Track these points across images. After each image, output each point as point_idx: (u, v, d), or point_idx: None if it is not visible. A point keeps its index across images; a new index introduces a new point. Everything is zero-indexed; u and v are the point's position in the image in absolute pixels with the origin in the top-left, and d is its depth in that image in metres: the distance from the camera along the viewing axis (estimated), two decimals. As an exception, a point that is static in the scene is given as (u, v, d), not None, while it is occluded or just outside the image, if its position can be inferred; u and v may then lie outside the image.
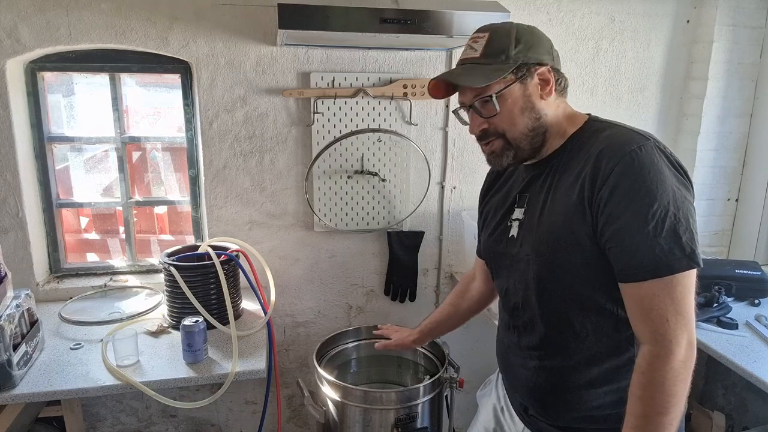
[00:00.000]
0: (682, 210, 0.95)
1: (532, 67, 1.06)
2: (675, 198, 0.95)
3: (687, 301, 0.95)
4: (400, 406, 1.73)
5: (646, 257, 0.94)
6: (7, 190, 1.92)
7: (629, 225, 0.95)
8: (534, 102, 1.08)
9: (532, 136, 1.09)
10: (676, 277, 0.93)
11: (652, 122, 2.38)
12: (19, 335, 1.51)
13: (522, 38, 1.06)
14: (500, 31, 1.08)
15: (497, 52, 1.06)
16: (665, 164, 0.97)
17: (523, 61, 1.05)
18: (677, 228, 0.94)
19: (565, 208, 1.04)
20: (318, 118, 2.06)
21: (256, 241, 2.12)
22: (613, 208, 0.96)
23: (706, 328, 1.84)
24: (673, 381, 0.94)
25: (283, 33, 1.65)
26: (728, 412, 2.27)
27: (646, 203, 0.93)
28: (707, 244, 2.47)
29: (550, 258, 1.07)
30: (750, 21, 2.24)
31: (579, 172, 1.02)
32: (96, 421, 2.21)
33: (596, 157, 1.00)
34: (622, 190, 0.95)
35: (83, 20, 1.83)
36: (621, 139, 1.01)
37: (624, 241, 0.96)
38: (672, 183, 0.96)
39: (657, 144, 1.00)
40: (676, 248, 0.93)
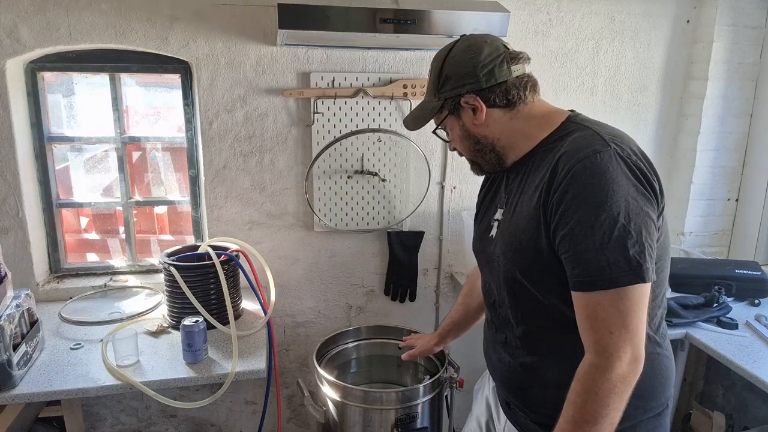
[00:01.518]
0: (635, 221, 0.93)
1: (456, 99, 1.10)
2: (628, 208, 0.92)
3: (634, 315, 0.93)
4: (400, 406, 1.73)
5: (590, 267, 0.93)
6: (7, 190, 1.92)
7: (576, 232, 0.94)
8: (469, 129, 1.12)
9: (482, 155, 1.15)
10: (623, 290, 0.92)
11: (652, 122, 2.38)
12: (19, 335, 1.51)
13: (446, 70, 1.10)
14: (434, 64, 1.14)
15: (432, 87, 1.14)
16: (623, 172, 0.95)
17: (447, 96, 1.11)
18: (626, 240, 0.91)
19: (527, 212, 1.05)
20: (318, 118, 2.06)
21: (256, 241, 2.12)
22: (562, 215, 0.96)
23: (706, 328, 1.84)
24: (607, 393, 0.93)
25: (283, 33, 1.65)
26: (728, 412, 2.27)
27: (593, 211, 0.92)
28: (707, 244, 2.47)
29: (514, 261, 1.09)
30: (750, 21, 2.24)
31: (542, 176, 1.03)
32: (96, 421, 2.21)
33: (555, 162, 1.00)
34: (571, 195, 0.94)
35: (83, 20, 1.83)
36: (581, 143, 0.99)
37: (571, 249, 0.95)
38: (627, 193, 0.93)
39: (619, 151, 0.97)
40: (622, 261, 0.91)
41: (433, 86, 1.14)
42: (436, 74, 1.12)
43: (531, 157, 1.10)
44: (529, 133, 1.10)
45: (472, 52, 1.08)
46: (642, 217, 0.94)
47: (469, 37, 1.12)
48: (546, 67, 2.22)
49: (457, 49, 1.11)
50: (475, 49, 1.08)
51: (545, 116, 1.11)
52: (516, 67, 1.09)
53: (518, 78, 1.09)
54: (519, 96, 1.09)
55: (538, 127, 1.10)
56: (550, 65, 2.22)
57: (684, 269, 2.16)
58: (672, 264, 2.29)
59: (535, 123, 1.10)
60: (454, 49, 1.11)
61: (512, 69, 1.09)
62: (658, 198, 0.99)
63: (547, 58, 2.21)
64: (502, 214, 1.16)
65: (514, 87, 1.09)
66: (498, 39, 1.12)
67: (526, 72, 1.12)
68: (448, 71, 1.10)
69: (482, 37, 1.11)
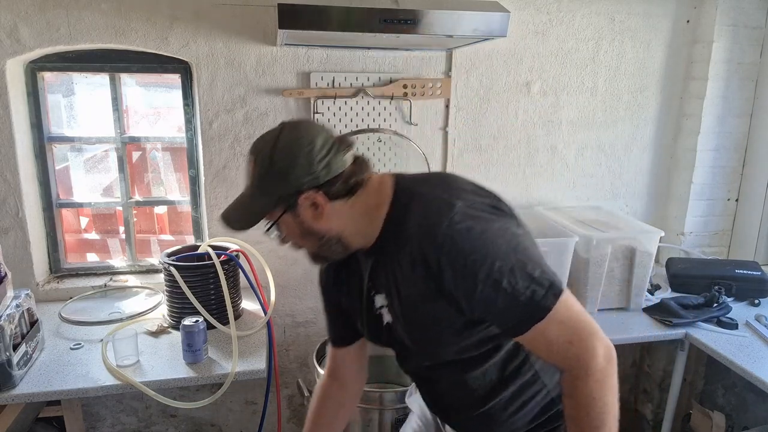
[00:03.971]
0: (519, 248, 0.94)
1: (292, 197, 1.00)
2: (507, 243, 0.94)
3: (576, 317, 0.94)
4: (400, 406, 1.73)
5: (517, 313, 0.93)
6: (7, 190, 1.92)
7: (486, 295, 0.93)
8: (310, 226, 1.03)
9: (327, 248, 1.07)
10: (554, 311, 0.92)
11: (652, 122, 2.38)
12: (19, 335, 1.51)
13: (277, 164, 0.98)
14: (260, 157, 1.01)
15: (260, 183, 1.01)
16: (479, 218, 0.95)
17: (281, 194, 1.00)
18: (526, 269, 0.92)
19: (418, 298, 1.01)
20: (318, 118, 2.06)
21: (256, 241, 2.11)
22: (465, 290, 0.94)
23: (706, 328, 1.84)
24: (600, 394, 0.94)
25: (283, 33, 1.64)
26: (728, 412, 2.27)
27: (487, 269, 0.92)
28: (707, 244, 2.47)
29: (427, 342, 1.08)
30: (750, 21, 2.24)
31: (411, 261, 0.99)
32: (96, 421, 2.21)
33: (418, 246, 0.96)
34: (461, 272, 0.93)
35: (83, 20, 1.83)
36: (430, 219, 0.96)
37: (492, 310, 0.95)
38: (496, 231, 0.95)
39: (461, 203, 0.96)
40: (537, 288, 0.92)
41: (260, 182, 1.01)
42: (264, 169, 0.99)
43: (384, 239, 1.04)
44: (372, 214, 1.04)
45: (304, 144, 0.99)
46: (518, 239, 0.96)
47: (294, 126, 1.03)
48: (546, 67, 2.22)
49: (284, 140, 1.00)
50: (308, 141, 0.99)
51: (378, 191, 1.05)
52: (349, 154, 1.03)
53: (354, 164, 1.03)
54: (358, 182, 1.03)
55: (377, 206, 1.04)
56: (550, 65, 2.22)
57: (684, 269, 2.16)
58: (672, 264, 2.31)
59: (373, 203, 1.05)
60: (280, 140, 1.00)
61: (346, 157, 1.02)
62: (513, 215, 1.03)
63: (547, 58, 2.21)
64: (384, 299, 1.10)
65: (353, 174, 1.02)
66: (323, 125, 1.05)
67: (355, 151, 1.06)
68: (280, 166, 0.98)
69: (309, 126, 1.03)
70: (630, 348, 2.59)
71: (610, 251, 1.91)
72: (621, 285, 1.97)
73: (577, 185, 2.38)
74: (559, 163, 2.34)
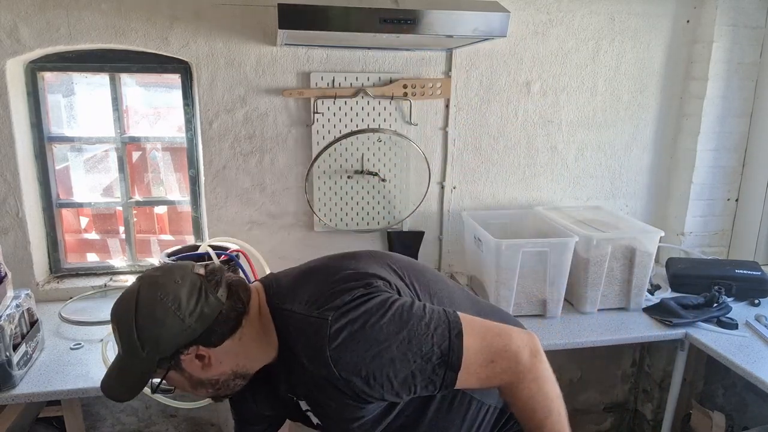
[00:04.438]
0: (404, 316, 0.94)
1: (172, 358, 0.95)
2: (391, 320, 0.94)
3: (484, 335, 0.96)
4: (400, 406, 1.73)
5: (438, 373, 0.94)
6: (7, 190, 1.92)
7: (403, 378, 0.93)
8: (200, 377, 0.99)
9: (225, 387, 1.03)
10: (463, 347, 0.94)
11: (652, 122, 2.38)
12: (19, 335, 1.51)
13: (144, 332, 0.93)
14: (123, 328, 0.95)
15: (132, 351, 0.94)
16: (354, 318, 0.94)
17: (160, 357, 0.94)
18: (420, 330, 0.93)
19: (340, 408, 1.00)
20: (318, 118, 2.06)
21: (256, 241, 2.12)
22: (381, 387, 0.94)
23: (706, 328, 1.84)
24: (537, 389, 0.96)
25: (283, 33, 1.64)
26: (728, 412, 2.27)
27: (389, 359, 0.92)
28: (707, 244, 2.47)
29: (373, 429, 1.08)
30: (750, 21, 2.24)
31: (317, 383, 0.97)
32: (96, 421, 2.21)
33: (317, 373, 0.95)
34: (368, 377, 0.92)
35: (83, 20, 1.83)
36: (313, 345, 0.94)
37: (414, 384, 0.95)
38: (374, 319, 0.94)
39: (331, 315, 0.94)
40: (440, 340, 0.93)
41: (131, 350, 0.94)
42: (132, 338, 0.93)
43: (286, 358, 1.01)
44: (265, 336, 1.01)
45: (168, 304, 0.92)
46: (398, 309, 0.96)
47: (151, 285, 0.95)
48: (546, 67, 2.22)
49: (145, 305, 0.93)
50: (171, 299, 0.93)
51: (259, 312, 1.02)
52: (221, 290, 0.97)
53: (230, 296, 0.98)
54: (239, 314, 0.98)
55: (265, 326, 1.01)
56: (550, 65, 2.22)
57: (684, 269, 2.16)
58: (672, 264, 2.31)
59: (258, 324, 1.01)
60: (140, 306, 0.93)
61: (219, 294, 0.96)
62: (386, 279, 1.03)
63: (547, 58, 2.21)
64: (308, 405, 1.08)
65: (232, 309, 0.97)
66: (183, 266, 0.99)
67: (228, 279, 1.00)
68: (148, 334, 0.92)
69: (168, 279, 0.95)
70: (630, 348, 2.59)
71: (610, 251, 1.91)
72: (621, 285, 1.97)
73: (577, 185, 2.38)
74: (559, 163, 2.34)
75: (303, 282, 1.05)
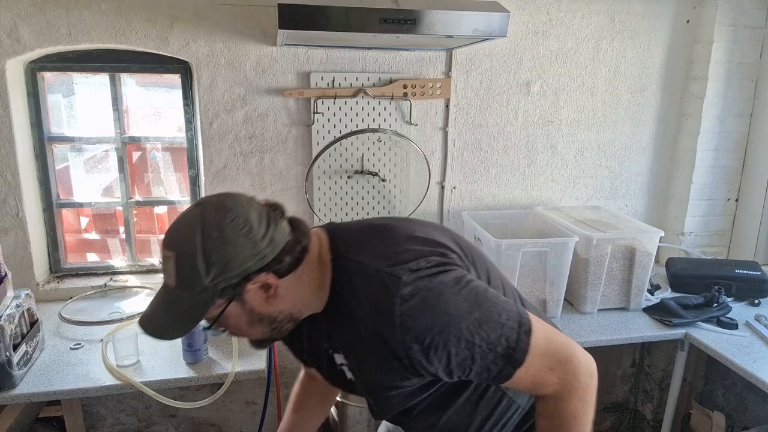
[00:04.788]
0: (479, 299, 0.90)
1: (238, 286, 0.88)
2: (465, 298, 0.89)
3: (552, 342, 0.92)
4: (400, 406, 1.72)
5: (498, 364, 0.90)
6: (7, 190, 1.92)
7: (463, 358, 0.89)
8: (261, 311, 0.93)
9: (278, 330, 0.97)
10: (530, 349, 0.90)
11: (652, 122, 2.38)
12: (19, 335, 1.51)
13: (212, 255, 0.85)
14: (185, 253, 0.86)
15: (190, 281, 0.86)
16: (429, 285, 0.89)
17: (225, 284, 0.87)
18: (492, 318, 0.89)
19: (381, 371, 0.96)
20: (318, 118, 2.06)
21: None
22: (439, 362, 0.89)
23: (706, 328, 1.84)
24: (582, 412, 0.93)
25: (283, 33, 1.64)
26: (728, 412, 2.27)
27: (456, 336, 0.87)
28: (707, 244, 2.47)
29: (391, 404, 1.03)
30: (750, 21, 2.24)
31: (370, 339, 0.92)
32: (96, 421, 2.21)
33: (375, 328, 0.90)
34: (430, 348, 0.88)
35: (83, 20, 1.83)
36: (380, 301, 0.89)
37: (471, 368, 0.91)
38: (450, 291, 0.89)
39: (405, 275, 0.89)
40: (509, 333, 0.89)
41: (189, 279, 0.86)
42: (193, 264, 0.85)
43: (334, 308, 0.97)
44: (319, 282, 0.96)
45: (240, 225, 0.86)
46: (475, 290, 0.91)
47: (216, 205, 0.89)
48: (546, 67, 2.22)
49: (211, 224, 0.86)
50: (242, 220, 0.87)
51: (319, 255, 0.97)
52: (285, 221, 0.93)
53: (293, 229, 0.93)
54: (303, 248, 0.93)
55: (321, 272, 0.96)
56: (550, 65, 2.22)
57: (684, 269, 2.16)
58: (672, 264, 2.31)
59: (316, 269, 0.96)
60: (206, 225, 0.86)
61: (284, 225, 0.92)
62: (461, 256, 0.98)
63: (547, 58, 2.21)
64: (344, 360, 1.04)
65: (297, 241, 0.92)
66: (245, 195, 0.93)
67: (286, 215, 0.95)
68: (217, 255, 0.85)
69: (234, 202, 0.89)
70: (630, 348, 2.59)
71: (610, 251, 1.91)
72: (621, 285, 1.97)
73: (577, 185, 2.38)
74: (559, 163, 2.34)
75: (372, 236, 0.99)
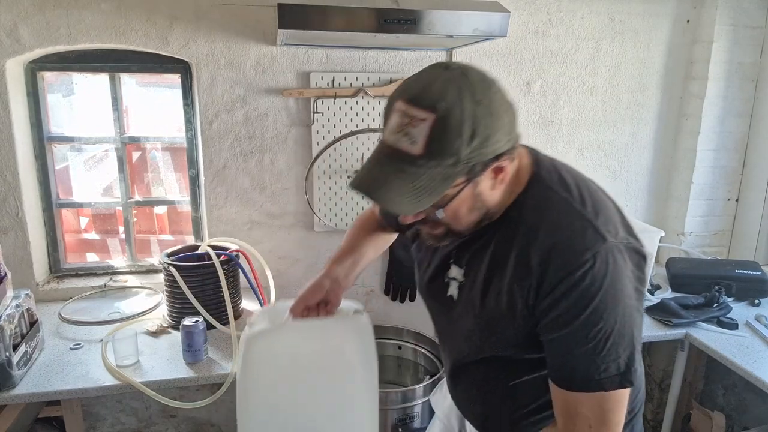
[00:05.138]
0: (628, 324, 0.85)
1: (488, 163, 0.81)
2: (624, 313, 0.84)
3: (615, 414, 0.87)
4: (400, 407, 1.73)
5: (579, 371, 0.86)
6: (7, 190, 1.92)
7: (568, 338, 0.85)
8: (484, 199, 0.86)
9: (477, 223, 0.91)
10: (608, 393, 0.85)
11: (652, 122, 2.38)
12: (19, 335, 1.51)
13: (480, 125, 0.76)
14: (452, 117, 0.75)
15: (444, 150, 0.76)
16: (621, 270, 0.84)
17: (477, 160, 0.78)
18: (618, 346, 0.84)
19: (508, 299, 0.91)
20: (318, 118, 2.06)
21: (256, 241, 2.12)
22: (553, 320, 0.86)
23: (706, 328, 1.84)
24: None
25: (283, 33, 1.64)
26: (728, 412, 2.27)
27: (591, 322, 0.83)
28: (707, 244, 2.47)
29: (490, 340, 0.99)
30: (750, 21, 2.24)
31: (524, 262, 0.87)
32: (96, 421, 2.21)
33: (544, 258, 0.85)
34: (566, 306, 0.84)
35: (83, 20, 1.83)
36: (573, 244, 0.84)
37: (560, 351, 0.88)
38: (625, 293, 0.84)
39: (615, 245, 0.84)
40: (612, 367, 0.84)
41: (448, 145, 0.75)
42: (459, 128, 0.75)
43: (499, 225, 0.91)
44: (508, 193, 0.90)
45: (504, 98, 0.79)
46: (635, 317, 0.87)
47: (478, 71, 0.80)
48: (546, 67, 2.22)
49: (479, 89, 0.77)
50: (499, 89, 0.79)
51: (517, 171, 0.90)
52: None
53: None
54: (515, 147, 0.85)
55: (515, 184, 0.90)
56: (550, 65, 2.22)
57: (684, 269, 2.16)
58: (672, 264, 2.31)
59: (513, 180, 0.90)
60: (474, 88, 0.76)
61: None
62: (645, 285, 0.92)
63: (547, 58, 2.21)
64: (462, 276, 0.99)
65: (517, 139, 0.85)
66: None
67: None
68: (484, 125, 0.76)
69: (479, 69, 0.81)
70: (630, 348, 2.59)
71: (610, 251, 1.90)
72: (621, 285, 1.97)
73: (577, 185, 2.38)
74: (559, 163, 2.34)
75: (584, 185, 0.93)
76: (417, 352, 2.06)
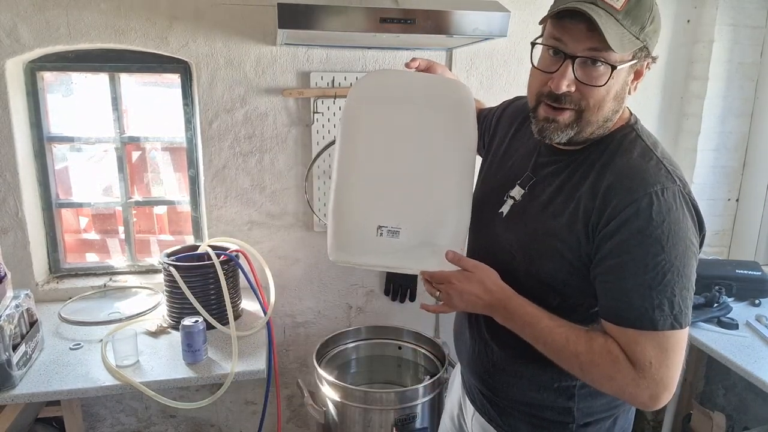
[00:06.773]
0: (688, 267, 0.87)
1: (647, 56, 0.94)
2: (685, 253, 0.87)
3: (673, 356, 0.87)
4: (400, 407, 1.73)
5: (633, 305, 0.87)
6: (7, 190, 1.92)
7: (626, 267, 0.87)
8: (621, 93, 0.96)
9: (603, 124, 0.97)
10: (662, 333, 0.86)
11: (652, 122, 2.38)
12: (19, 335, 1.51)
13: (657, 17, 0.91)
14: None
15: (637, 17, 0.88)
16: (686, 213, 0.89)
17: (647, 44, 0.91)
18: (675, 284, 0.86)
19: (568, 220, 0.95)
20: (318, 117, 2.05)
21: (256, 241, 2.12)
22: (615, 245, 0.88)
23: (706, 328, 1.84)
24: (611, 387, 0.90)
25: (283, 33, 1.64)
26: (728, 412, 2.26)
27: (652, 252, 0.86)
28: (707, 244, 2.46)
29: (534, 261, 1.00)
30: (750, 21, 2.24)
31: (592, 188, 0.93)
32: (96, 421, 2.21)
33: (613, 185, 0.91)
34: (629, 232, 0.87)
35: (83, 20, 1.83)
36: (645, 174, 0.91)
37: (615, 281, 0.89)
38: (686, 235, 0.87)
39: (682, 188, 0.90)
40: (667, 305, 0.86)
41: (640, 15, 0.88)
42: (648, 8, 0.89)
43: (582, 152, 0.99)
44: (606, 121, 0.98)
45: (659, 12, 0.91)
46: (693, 262, 0.89)
47: None
48: (546, 66, 2.22)
49: None
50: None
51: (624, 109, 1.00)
52: None
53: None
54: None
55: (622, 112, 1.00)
56: (551, 65, 2.22)
57: (684, 269, 2.15)
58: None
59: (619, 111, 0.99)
60: None
61: None
62: (702, 240, 0.95)
63: (547, 57, 2.21)
64: (521, 196, 1.04)
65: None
66: None
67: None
68: (658, 19, 0.91)
69: None
70: (630, 348, 2.58)
71: (610, 251, 1.90)
72: (621, 285, 1.97)
73: (577, 185, 2.38)
74: (559, 163, 2.34)
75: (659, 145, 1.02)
76: (417, 352, 2.06)
